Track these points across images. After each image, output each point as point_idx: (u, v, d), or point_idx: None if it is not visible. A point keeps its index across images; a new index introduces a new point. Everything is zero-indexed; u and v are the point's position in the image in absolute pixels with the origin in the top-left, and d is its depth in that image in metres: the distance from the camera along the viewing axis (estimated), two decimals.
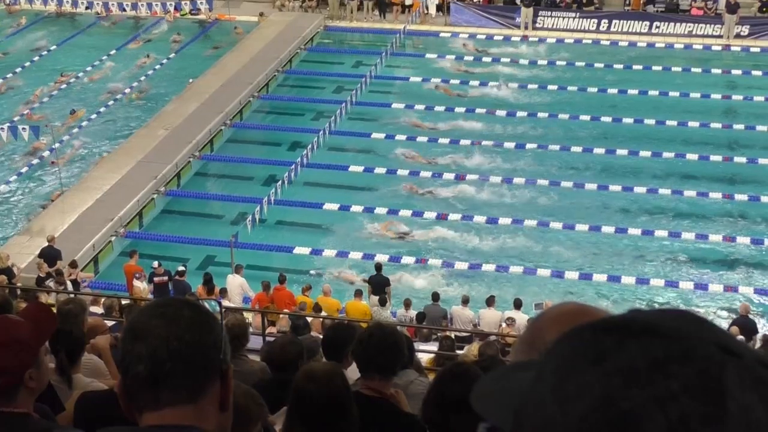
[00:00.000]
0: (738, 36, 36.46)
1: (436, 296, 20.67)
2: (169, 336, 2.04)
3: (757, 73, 33.97)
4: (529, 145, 28.95)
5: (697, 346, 1.02)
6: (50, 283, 20.67)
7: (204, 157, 28.94)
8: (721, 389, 0.98)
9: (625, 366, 1.00)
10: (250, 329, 11.32)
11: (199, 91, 32.08)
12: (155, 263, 21.96)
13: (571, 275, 23.22)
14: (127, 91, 33.54)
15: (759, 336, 19.32)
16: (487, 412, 1.14)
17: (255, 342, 12.34)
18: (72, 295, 16.34)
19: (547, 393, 1.04)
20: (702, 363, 1.00)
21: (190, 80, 32.94)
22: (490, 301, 20.57)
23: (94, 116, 31.80)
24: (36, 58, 36.32)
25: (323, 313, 18.94)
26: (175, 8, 40.53)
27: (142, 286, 21.04)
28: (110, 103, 32.74)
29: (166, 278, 21.65)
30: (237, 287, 21.22)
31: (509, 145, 29.13)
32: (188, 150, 28.41)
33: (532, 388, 1.07)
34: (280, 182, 26.55)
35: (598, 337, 1.05)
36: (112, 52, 36.78)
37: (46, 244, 22.47)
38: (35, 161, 28.91)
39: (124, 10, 40.65)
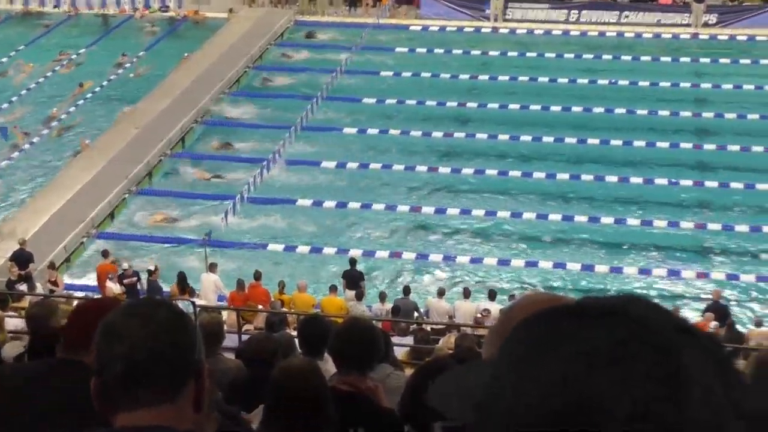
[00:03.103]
0: (706, 24, 36.68)
1: (407, 290, 20.73)
2: (145, 336, 2.05)
3: (726, 61, 34.17)
4: (501, 136, 29.02)
5: (656, 328, 1.03)
6: (22, 286, 20.55)
7: (176, 155, 28.83)
8: (680, 369, 1.00)
9: (585, 350, 1.01)
10: (225, 327, 11.30)
11: (170, 88, 31.94)
12: (125, 264, 21.88)
13: (545, 265, 23.31)
14: (98, 89, 33.35)
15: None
16: (446, 409, 1.15)
17: (231, 340, 12.32)
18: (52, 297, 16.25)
19: (508, 380, 1.05)
20: (661, 344, 1.01)
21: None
22: (466, 293, 20.64)
23: (64, 115, 31.66)
24: (4, 59, 36.01)
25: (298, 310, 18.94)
26: (144, 5, 40.30)
27: (115, 288, 20.94)
28: (80, 102, 32.54)
29: (135, 279, 21.59)
30: (211, 285, 21.16)
31: (481, 136, 29.18)
32: (160, 148, 28.29)
33: (492, 379, 1.08)
34: (252, 179, 26.49)
35: (557, 323, 1.06)
36: (82, 50, 36.56)
37: (18, 247, 22.29)
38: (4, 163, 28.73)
39: (92, 8, 40.40)
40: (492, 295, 20.54)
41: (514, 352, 1.07)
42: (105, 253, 22.44)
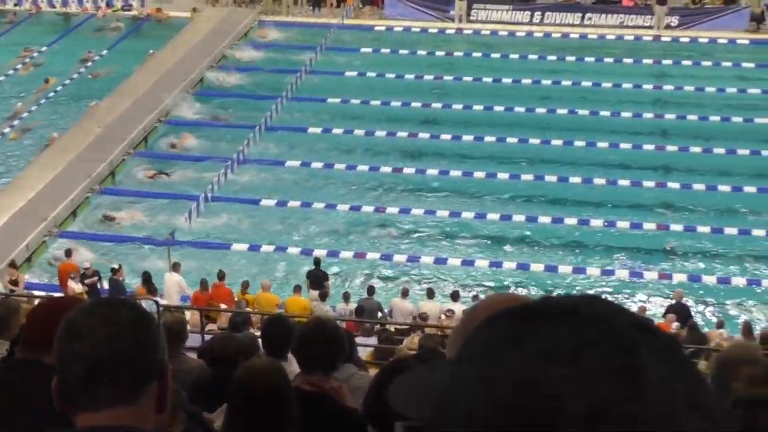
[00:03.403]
0: (668, 27, 36.97)
1: (371, 290, 20.75)
2: (107, 336, 2.03)
3: (687, 63, 34.46)
4: (465, 137, 29.10)
5: (613, 325, 1.04)
6: None
7: (138, 155, 28.67)
8: (636, 365, 1.01)
9: (545, 348, 1.02)
10: (189, 327, 11.25)
11: (133, 87, 31.77)
12: (86, 263, 21.73)
13: (509, 265, 23.40)
14: (61, 87, 33.14)
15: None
16: (406, 409, 1.15)
17: (194, 340, 12.27)
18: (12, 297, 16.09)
19: (468, 379, 1.05)
20: (618, 341, 1.02)
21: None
22: (430, 293, 20.68)
23: (25, 114, 31.42)
24: None
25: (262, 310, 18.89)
26: (107, 4, 40.05)
27: (76, 287, 20.79)
28: (42, 101, 32.31)
29: (96, 279, 21.44)
30: (175, 285, 21.06)
31: (445, 136, 29.26)
32: (122, 147, 28.13)
33: (452, 378, 1.08)
34: (216, 178, 26.40)
35: (517, 322, 1.07)
36: (43, 48, 36.30)
37: None
38: None
39: (54, 6, 40.10)
40: (455, 296, 20.60)
41: (475, 351, 1.08)
42: (68, 253, 22.29)
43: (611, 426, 0.98)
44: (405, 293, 20.65)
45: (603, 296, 1.13)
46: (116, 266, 21.50)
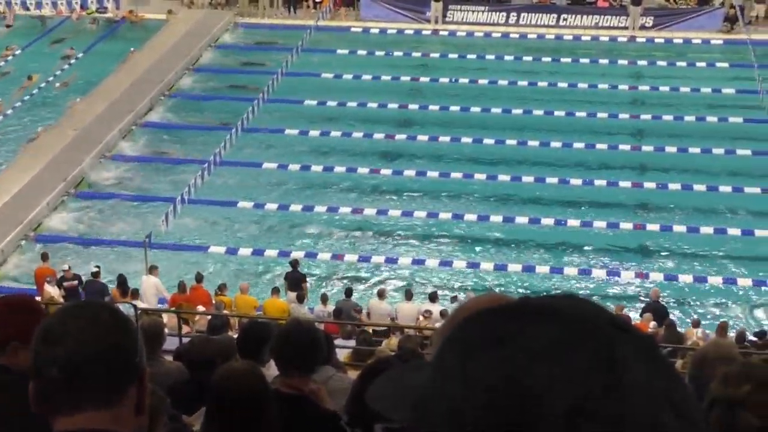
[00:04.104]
0: (643, 27, 37.16)
1: (349, 291, 20.74)
2: (85, 339, 2.03)
3: (662, 63, 34.63)
4: (442, 138, 29.14)
5: (592, 324, 1.06)
6: None
7: (115, 158, 28.55)
8: (616, 363, 1.02)
9: (527, 346, 1.03)
10: (166, 330, 11.22)
11: (109, 90, 31.64)
12: (65, 266, 21.61)
13: (486, 266, 23.44)
14: (36, 91, 32.99)
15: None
16: (386, 410, 1.16)
17: (172, 343, 12.22)
18: None
19: (450, 379, 1.06)
20: (598, 339, 1.04)
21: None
22: (408, 295, 20.68)
23: (10, 110, 31.35)
24: None
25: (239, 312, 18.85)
26: (81, 6, 39.86)
27: (53, 291, 20.65)
28: (18, 104, 32.16)
29: (75, 282, 21.29)
30: (152, 288, 20.97)
31: (422, 137, 29.29)
32: (99, 150, 28.01)
33: (434, 377, 1.09)
34: (193, 181, 26.33)
35: (498, 321, 1.08)
36: (18, 51, 36.13)
37: None
38: None
39: (28, 9, 39.89)
40: (433, 297, 20.61)
41: (456, 351, 1.08)
42: (44, 256, 22.15)
43: (594, 424, 0.99)
44: (381, 294, 20.65)
45: (581, 296, 1.14)
46: (96, 269, 21.37)
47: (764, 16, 37.39)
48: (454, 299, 21.00)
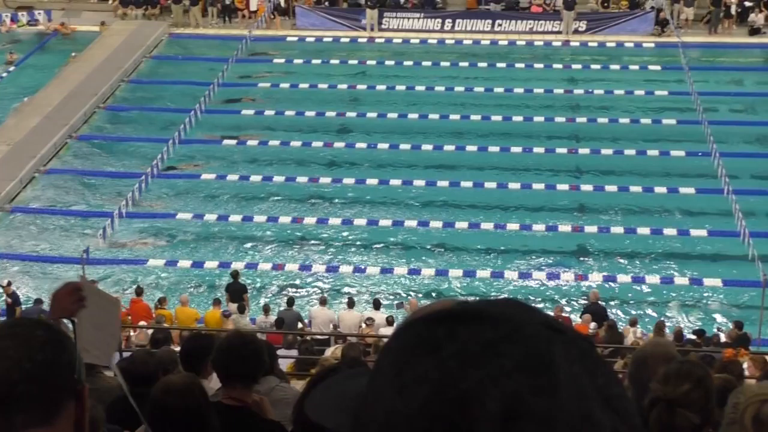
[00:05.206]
0: (576, 31, 37.55)
1: (291, 301, 20.69)
2: (20, 357, 1.98)
3: (596, 67, 35.02)
4: (380, 145, 29.18)
5: (525, 326, 1.07)
6: None
7: (50, 171, 28.19)
8: (549, 363, 1.03)
9: (459, 351, 1.04)
10: None
11: (42, 103, 31.24)
12: (4, 282, 21.28)
13: (428, 272, 23.51)
14: None
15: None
16: (324, 419, 1.16)
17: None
18: None
19: (386, 386, 1.06)
20: (530, 340, 1.05)
21: (25, 99, 32.01)
22: (350, 303, 20.68)
23: None
24: None
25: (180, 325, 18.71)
26: (11, 19, 39.32)
27: None
28: None
29: (11, 300, 20.93)
30: None
31: (361, 145, 29.31)
32: (33, 165, 27.64)
33: (370, 386, 1.09)
34: (130, 194, 26.07)
35: (431, 328, 1.08)
36: None
37: None
38: None
39: None
40: (376, 305, 20.63)
41: (392, 357, 1.09)
42: None
43: (528, 424, 1.00)
44: (323, 301, 20.63)
45: (518, 298, 1.15)
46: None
47: (693, 20, 37.99)
48: (399, 305, 21.08)
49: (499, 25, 37.87)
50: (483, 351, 1.03)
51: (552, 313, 20.06)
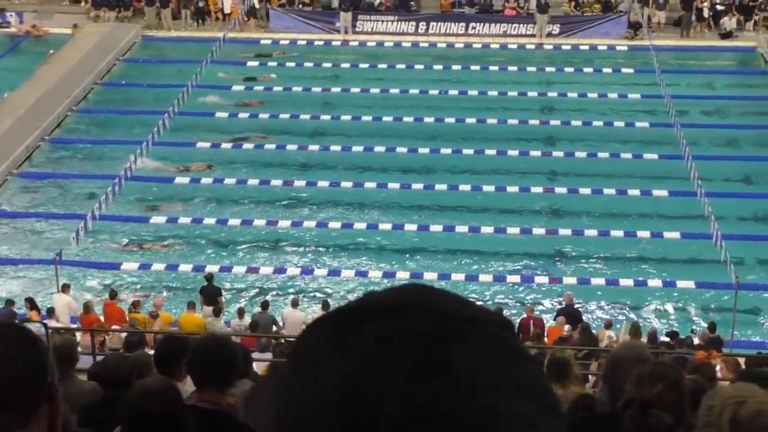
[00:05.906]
0: (550, 35, 37.70)
1: (265, 304, 20.64)
2: (12, 357, 1.97)
3: (570, 69, 35.17)
4: (355, 148, 29.17)
5: (423, 318, 1.05)
6: None
7: (22, 174, 28.01)
8: (449, 356, 1.01)
9: (359, 347, 1.02)
10: (79, 348, 11.03)
11: (14, 106, 31.04)
12: None
13: (402, 275, 23.49)
14: None
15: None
16: (253, 423, 1.15)
17: (85, 361, 12.01)
18: None
19: (294, 389, 1.05)
20: (427, 338, 1.03)
21: (5, 94, 31.86)
22: (324, 305, 20.64)
23: None
24: None
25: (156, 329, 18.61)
26: None
27: None
28: None
29: None
30: (64, 306, 20.58)
31: (335, 148, 29.28)
32: (5, 168, 27.47)
33: (282, 385, 1.08)
34: (103, 197, 25.93)
35: (338, 323, 1.07)
36: None
37: None
38: None
39: None
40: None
41: (299, 358, 1.08)
42: None
43: (433, 422, 0.98)
44: (295, 303, 20.62)
45: (430, 284, 1.13)
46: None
47: (665, 23, 38.23)
48: None
49: (473, 28, 37.96)
50: (380, 347, 1.02)
51: (524, 314, 20.19)
